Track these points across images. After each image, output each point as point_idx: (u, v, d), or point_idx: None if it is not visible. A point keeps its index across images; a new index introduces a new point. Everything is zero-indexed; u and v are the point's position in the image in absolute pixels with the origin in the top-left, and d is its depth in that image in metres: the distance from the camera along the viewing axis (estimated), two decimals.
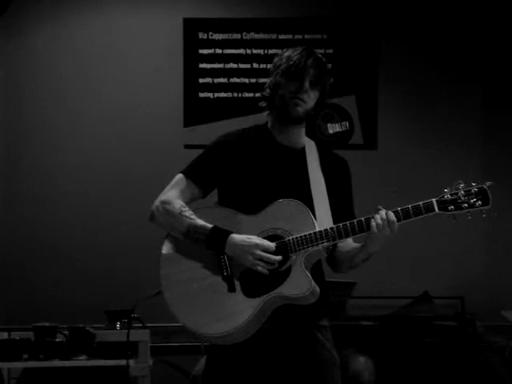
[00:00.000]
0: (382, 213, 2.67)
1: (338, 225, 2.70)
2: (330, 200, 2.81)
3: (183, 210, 2.76)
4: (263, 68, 5.79)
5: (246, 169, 2.81)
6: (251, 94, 5.83)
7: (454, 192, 2.68)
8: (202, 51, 5.90)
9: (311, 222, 2.70)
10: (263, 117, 2.92)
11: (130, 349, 4.73)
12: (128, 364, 4.68)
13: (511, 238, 5.89)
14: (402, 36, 5.99)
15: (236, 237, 2.70)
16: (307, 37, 5.90)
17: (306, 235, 2.68)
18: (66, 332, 4.83)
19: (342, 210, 2.83)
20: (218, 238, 2.71)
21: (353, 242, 2.84)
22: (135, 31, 5.90)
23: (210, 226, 2.72)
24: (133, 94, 5.85)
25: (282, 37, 5.88)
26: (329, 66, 2.90)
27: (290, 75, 2.78)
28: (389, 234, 2.66)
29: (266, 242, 2.69)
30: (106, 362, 4.78)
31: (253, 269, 2.68)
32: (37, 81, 5.83)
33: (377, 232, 2.65)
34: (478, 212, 2.69)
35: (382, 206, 2.69)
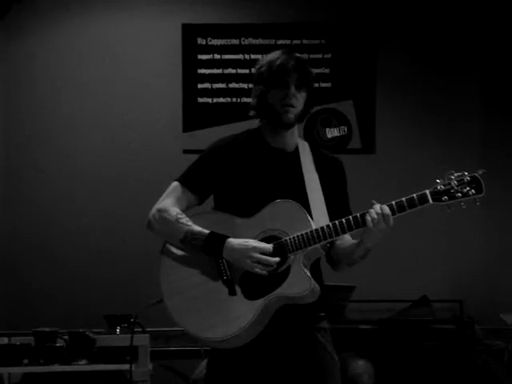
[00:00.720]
0: (377, 207, 2.67)
1: (333, 222, 2.70)
2: (326, 199, 2.82)
3: (179, 217, 2.78)
4: None
5: (241, 173, 2.82)
6: (250, 99, 5.82)
7: (447, 182, 2.67)
8: (200, 57, 5.91)
9: (307, 221, 2.71)
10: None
11: (130, 353, 4.74)
12: (131, 368, 4.69)
13: (510, 242, 5.90)
14: (399, 41, 6.00)
15: (233, 241, 2.71)
16: (305, 42, 5.92)
17: (302, 234, 2.69)
18: (66, 337, 4.84)
19: (338, 208, 2.84)
20: (215, 243, 2.72)
21: (351, 239, 2.84)
22: (134, 37, 5.90)
23: (206, 231, 2.73)
24: (131, 99, 5.86)
25: (280, 42, 5.89)
26: (314, 70, 2.91)
27: (275, 83, 2.81)
28: (384, 228, 2.66)
29: (263, 244, 2.71)
30: (106, 367, 4.79)
31: (252, 271, 2.69)
32: (36, 85, 5.83)
33: (372, 227, 2.65)
34: (471, 201, 2.67)
35: (375, 201, 2.70)
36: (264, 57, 2.89)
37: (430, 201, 2.66)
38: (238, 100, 5.90)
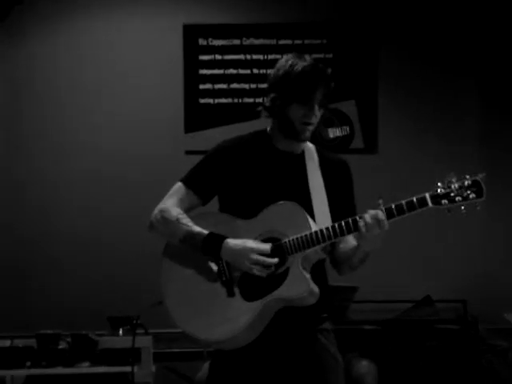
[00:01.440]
0: (372, 212, 2.64)
1: (333, 224, 2.68)
2: (331, 202, 2.80)
3: (180, 217, 2.77)
4: (263, 73, 5.80)
5: (245, 175, 2.81)
6: (251, 100, 5.84)
7: (448, 185, 2.63)
8: (202, 57, 5.91)
9: (307, 223, 2.69)
10: (264, 122, 2.90)
11: (132, 355, 4.73)
12: (133, 370, 4.68)
13: None
14: (401, 40, 5.99)
15: (231, 242, 2.70)
16: (307, 42, 5.91)
17: (301, 236, 2.67)
18: (69, 339, 4.84)
19: (343, 211, 2.80)
20: (213, 243, 2.71)
21: (354, 243, 2.80)
22: (135, 38, 5.90)
23: (206, 232, 2.72)
24: (133, 101, 5.86)
25: (281, 42, 5.89)
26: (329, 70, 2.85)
27: (298, 98, 2.73)
28: (379, 233, 2.62)
29: (261, 245, 2.69)
30: (108, 369, 4.79)
31: (250, 273, 2.68)
32: (36, 87, 5.84)
33: (365, 232, 2.62)
34: (472, 205, 2.64)
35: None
36: (286, 58, 2.79)
37: (430, 204, 2.64)
38: (240, 100, 5.89)
